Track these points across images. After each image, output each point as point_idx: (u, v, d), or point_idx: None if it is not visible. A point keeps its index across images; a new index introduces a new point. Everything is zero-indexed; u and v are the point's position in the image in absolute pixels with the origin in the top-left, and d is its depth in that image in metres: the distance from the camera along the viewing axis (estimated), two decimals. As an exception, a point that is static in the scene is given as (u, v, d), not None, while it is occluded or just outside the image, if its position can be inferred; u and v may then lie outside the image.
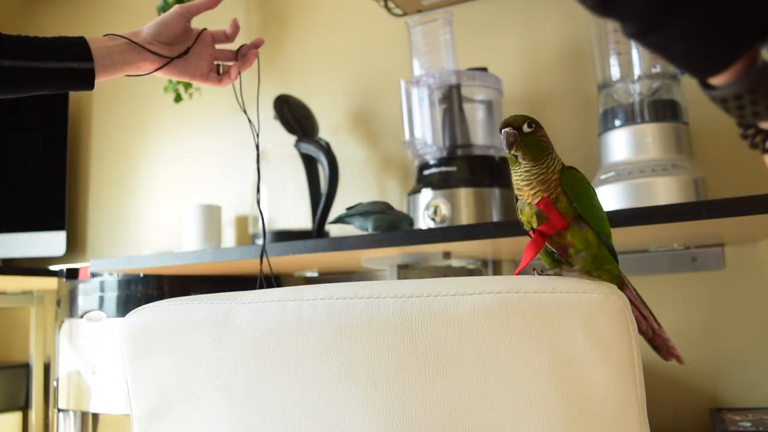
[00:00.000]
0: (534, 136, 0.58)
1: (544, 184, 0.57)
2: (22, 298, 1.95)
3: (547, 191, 0.57)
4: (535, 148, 0.57)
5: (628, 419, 0.46)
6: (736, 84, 0.33)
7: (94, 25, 2.26)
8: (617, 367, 0.46)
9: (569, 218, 0.58)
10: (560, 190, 0.57)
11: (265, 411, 0.54)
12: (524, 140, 0.57)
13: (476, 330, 0.47)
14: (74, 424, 1.60)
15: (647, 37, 0.35)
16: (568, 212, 0.58)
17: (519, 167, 0.58)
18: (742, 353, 1.30)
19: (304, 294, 0.54)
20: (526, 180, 0.58)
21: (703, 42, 0.33)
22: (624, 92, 1.25)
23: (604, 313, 0.46)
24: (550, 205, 0.57)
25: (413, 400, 0.49)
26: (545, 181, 0.57)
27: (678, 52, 0.34)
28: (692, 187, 1.15)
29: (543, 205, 0.57)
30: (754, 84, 0.32)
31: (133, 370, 0.60)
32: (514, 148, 0.57)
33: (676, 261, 1.35)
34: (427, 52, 1.42)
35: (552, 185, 0.57)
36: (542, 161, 0.57)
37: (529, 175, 0.58)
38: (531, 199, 0.58)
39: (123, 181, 2.15)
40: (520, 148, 0.57)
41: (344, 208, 1.34)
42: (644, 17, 0.34)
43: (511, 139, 0.57)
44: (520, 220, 0.62)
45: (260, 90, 1.94)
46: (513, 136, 0.57)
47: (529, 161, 0.57)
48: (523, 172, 0.58)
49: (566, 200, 0.57)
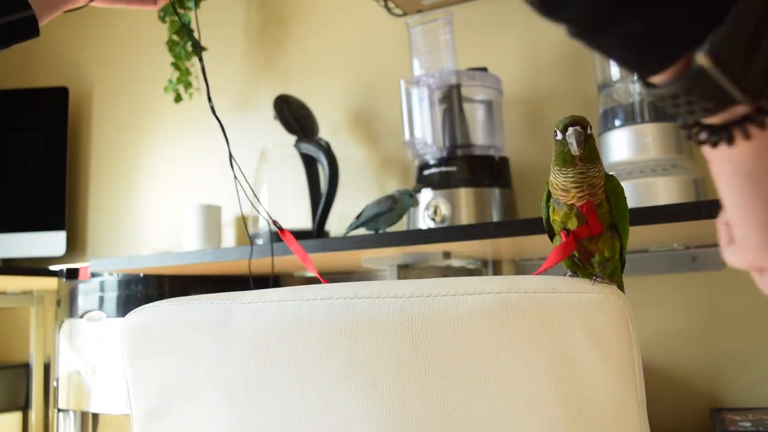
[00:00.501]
0: (593, 140, 0.58)
1: (593, 188, 0.58)
2: (22, 298, 1.95)
3: (594, 196, 0.58)
4: (594, 152, 0.58)
5: (628, 419, 0.46)
6: (673, 84, 0.36)
7: (94, 26, 2.26)
8: (617, 367, 0.46)
9: (604, 225, 0.59)
10: (604, 196, 0.58)
11: (265, 411, 0.54)
12: (588, 142, 0.57)
13: (476, 330, 0.47)
14: (74, 424, 1.60)
15: (589, 39, 0.37)
16: (605, 219, 0.59)
17: (571, 168, 0.58)
18: (742, 353, 1.30)
19: (304, 294, 0.54)
20: (577, 182, 0.58)
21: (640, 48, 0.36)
22: (624, 92, 1.25)
23: (604, 313, 0.46)
24: (593, 209, 0.58)
25: (413, 400, 0.49)
26: (594, 185, 0.58)
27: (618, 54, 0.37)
28: (692, 187, 1.15)
29: (587, 208, 0.58)
30: (690, 85, 0.35)
31: (133, 370, 0.60)
32: (582, 148, 0.57)
33: (676, 261, 1.35)
34: (427, 52, 1.42)
35: (599, 190, 0.58)
36: (596, 166, 0.58)
37: (583, 177, 0.58)
38: (576, 201, 0.59)
39: (123, 181, 2.15)
40: (585, 149, 0.57)
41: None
42: (585, 22, 0.36)
43: (582, 137, 0.57)
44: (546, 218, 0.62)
45: (261, 90, 1.94)
46: (582, 135, 0.57)
47: (587, 163, 0.58)
48: (577, 173, 0.58)
49: (607, 207, 0.58)
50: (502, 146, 1.42)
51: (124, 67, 2.20)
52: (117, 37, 2.22)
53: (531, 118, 1.56)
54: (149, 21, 2.08)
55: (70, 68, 2.29)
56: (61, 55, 2.31)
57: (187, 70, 1.83)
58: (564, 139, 0.58)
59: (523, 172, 1.51)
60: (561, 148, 0.58)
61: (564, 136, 0.58)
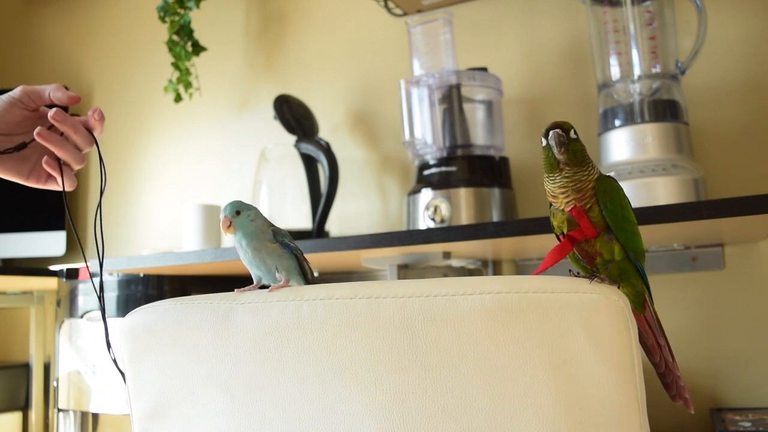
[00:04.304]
0: (579, 144, 0.59)
1: (579, 193, 0.58)
2: (22, 298, 1.95)
3: (582, 200, 0.58)
4: (579, 155, 0.58)
5: (628, 419, 0.46)
6: None
7: (94, 26, 2.26)
8: (617, 367, 0.46)
9: (600, 228, 0.58)
10: (594, 199, 0.58)
11: (265, 411, 0.54)
12: (571, 145, 0.58)
13: (476, 330, 0.47)
14: (74, 424, 1.60)
15: None
16: (599, 222, 0.58)
17: (557, 174, 0.59)
18: (742, 353, 1.30)
19: (304, 294, 0.54)
20: (562, 187, 0.59)
21: None
22: (624, 92, 1.25)
23: (603, 313, 0.46)
24: (582, 213, 0.58)
25: (413, 400, 0.49)
26: (581, 189, 0.58)
27: None
28: (692, 187, 1.15)
29: (575, 213, 0.58)
30: None
31: (133, 370, 0.60)
32: (562, 150, 0.58)
33: (676, 261, 1.35)
34: (427, 52, 1.42)
35: (587, 194, 0.58)
36: (584, 169, 0.58)
37: (567, 182, 0.58)
38: (564, 206, 0.59)
39: (123, 181, 2.15)
40: (567, 152, 0.58)
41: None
42: None
43: (561, 139, 0.58)
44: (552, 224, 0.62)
45: (261, 90, 1.94)
46: (563, 137, 0.58)
47: (572, 167, 0.58)
48: (562, 179, 0.59)
49: (599, 209, 0.58)
50: (502, 146, 1.42)
51: (124, 67, 2.20)
52: (117, 37, 2.22)
53: (531, 118, 1.56)
54: (149, 21, 2.08)
55: (70, 68, 2.29)
56: (61, 54, 2.31)
57: (187, 70, 1.83)
58: (548, 144, 0.58)
59: (523, 172, 1.51)
60: (547, 153, 0.59)
61: (547, 141, 0.58)
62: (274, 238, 0.67)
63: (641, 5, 1.25)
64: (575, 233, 0.59)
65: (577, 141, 0.59)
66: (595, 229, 0.58)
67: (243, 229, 0.66)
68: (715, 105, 1.37)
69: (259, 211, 0.68)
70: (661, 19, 1.25)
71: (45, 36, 2.35)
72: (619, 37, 1.26)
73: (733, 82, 1.36)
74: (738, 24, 1.37)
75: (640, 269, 0.60)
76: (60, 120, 0.72)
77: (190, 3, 1.79)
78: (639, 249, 0.60)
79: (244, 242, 0.66)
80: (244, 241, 0.66)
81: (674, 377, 0.62)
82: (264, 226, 0.67)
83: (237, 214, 0.66)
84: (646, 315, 0.61)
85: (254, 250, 0.66)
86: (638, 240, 0.60)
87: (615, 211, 0.58)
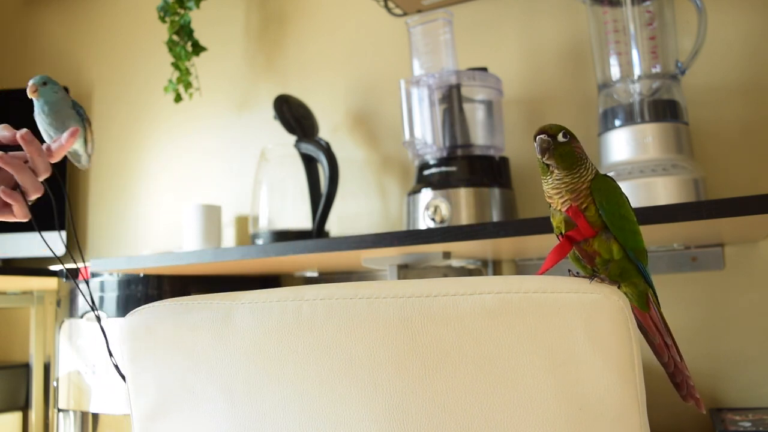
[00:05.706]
0: (568, 146, 0.58)
1: (573, 193, 0.58)
2: (22, 298, 1.95)
3: (576, 200, 0.58)
4: (568, 158, 0.58)
5: (628, 419, 0.46)
6: None
7: (94, 26, 2.26)
8: (617, 367, 0.46)
9: (598, 227, 0.58)
10: (590, 199, 0.58)
11: (265, 411, 0.54)
12: (558, 149, 0.58)
13: (476, 330, 0.47)
14: (74, 424, 1.60)
15: None
16: (596, 221, 0.58)
17: (550, 176, 0.59)
18: (742, 353, 1.30)
19: (304, 294, 0.54)
20: (556, 188, 0.59)
21: None
22: (624, 92, 1.25)
23: (603, 313, 0.46)
24: (579, 213, 0.58)
25: (413, 400, 0.49)
26: (574, 190, 0.58)
27: None
28: (692, 187, 1.15)
29: (572, 213, 0.58)
30: None
31: (133, 370, 0.60)
32: (546, 156, 0.58)
33: (676, 261, 1.35)
34: (427, 52, 1.42)
35: (582, 194, 0.58)
36: (575, 171, 0.58)
37: (560, 183, 0.58)
38: (560, 207, 0.59)
39: (123, 181, 2.15)
40: (553, 156, 0.58)
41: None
42: None
43: (544, 145, 0.58)
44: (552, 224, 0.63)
45: (260, 90, 1.94)
46: (547, 143, 0.58)
47: (562, 170, 0.58)
48: (554, 180, 0.59)
49: (595, 209, 0.58)
50: (502, 146, 1.42)
51: (124, 67, 2.20)
52: (117, 37, 2.22)
53: (531, 118, 1.56)
54: (149, 21, 2.08)
55: (70, 68, 2.29)
56: (61, 54, 2.31)
57: (187, 70, 1.83)
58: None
59: (523, 172, 1.51)
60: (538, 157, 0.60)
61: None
62: (72, 107, 0.83)
63: (641, 5, 1.25)
64: (573, 233, 0.59)
65: (566, 144, 0.58)
66: (593, 228, 0.58)
67: (46, 97, 0.80)
68: (715, 105, 1.37)
69: (63, 89, 0.83)
70: (661, 19, 1.25)
71: (45, 36, 2.35)
72: (619, 37, 1.26)
73: (733, 82, 1.36)
74: (738, 24, 1.37)
75: (641, 268, 0.60)
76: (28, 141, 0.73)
77: (190, 3, 1.79)
78: (639, 248, 0.59)
79: (47, 108, 0.81)
80: (47, 108, 0.81)
81: (684, 377, 0.62)
82: (66, 98, 0.83)
83: (44, 84, 0.80)
84: (652, 314, 0.61)
85: (55, 113, 0.81)
86: (638, 239, 0.60)
87: (611, 210, 0.58)
